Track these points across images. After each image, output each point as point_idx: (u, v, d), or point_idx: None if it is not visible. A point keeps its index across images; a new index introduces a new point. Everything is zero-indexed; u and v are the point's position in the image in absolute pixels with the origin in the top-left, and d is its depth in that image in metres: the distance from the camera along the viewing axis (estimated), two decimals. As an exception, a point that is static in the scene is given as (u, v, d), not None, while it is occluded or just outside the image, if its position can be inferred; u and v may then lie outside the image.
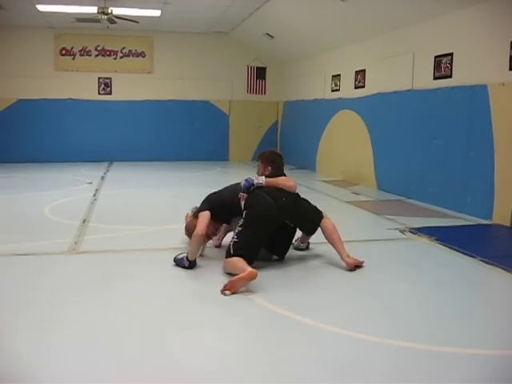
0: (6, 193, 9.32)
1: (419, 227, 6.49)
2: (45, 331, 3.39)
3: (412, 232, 6.30)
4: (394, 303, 4.02)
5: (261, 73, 15.95)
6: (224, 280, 4.32)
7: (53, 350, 3.12)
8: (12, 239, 5.80)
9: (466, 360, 3.09)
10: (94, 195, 8.93)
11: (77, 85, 14.92)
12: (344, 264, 4.81)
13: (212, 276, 4.60)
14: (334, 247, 4.96)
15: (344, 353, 3.15)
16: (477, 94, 7.39)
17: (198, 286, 4.38)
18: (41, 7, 12.06)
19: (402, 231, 6.37)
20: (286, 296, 4.10)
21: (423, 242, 5.92)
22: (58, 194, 9.12)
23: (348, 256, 4.83)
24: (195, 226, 4.85)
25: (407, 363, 3.04)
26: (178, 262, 4.81)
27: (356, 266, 4.82)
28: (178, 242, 5.64)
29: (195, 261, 4.77)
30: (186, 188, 10.03)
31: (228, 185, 5.45)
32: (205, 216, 4.91)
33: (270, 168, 5.24)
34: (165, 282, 4.49)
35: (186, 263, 4.73)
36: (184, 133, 15.45)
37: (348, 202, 8.52)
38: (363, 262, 4.91)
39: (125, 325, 3.53)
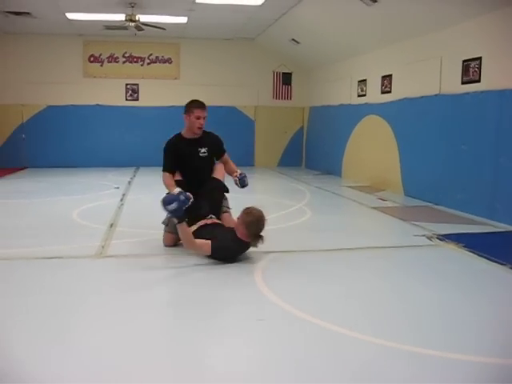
0: (36, 197, 9.45)
1: (447, 234, 6.41)
2: (70, 334, 3.43)
3: (439, 239, 6.22)
4: (417, 310, 3.97)
5: (286, 78, 15.97)
6: (252, 288, 4.33)
7: (78, 353, 3.15)
8: (41, 243, 5.88)
9: (480, 369, 3.04)
10: (121, 200, 9.01)
11: (105, 91, 15.12)
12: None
13: (236, 281, 4.60)
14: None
15: (364, 359, 3.12)
16: (506, 99, 7.29)
17: (223, 291, 4.38)
18: (70, 15, 12.26)
19: (430, 238, 6.29)
20: (307, 300, 4.09)
21: (451, 248, 5.84)
22: (86, 198, 9.23)
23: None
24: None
25: (422, 369, 3.00)
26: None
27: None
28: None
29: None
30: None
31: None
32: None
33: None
34: (190, 287, 4.50)
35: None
36: (210, 138, 15.46)
37: (374, 208, 8.46)
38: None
39: (150, 329, 3.55)
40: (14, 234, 6.39)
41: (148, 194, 9.89)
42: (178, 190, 5.35)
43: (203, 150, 5.81)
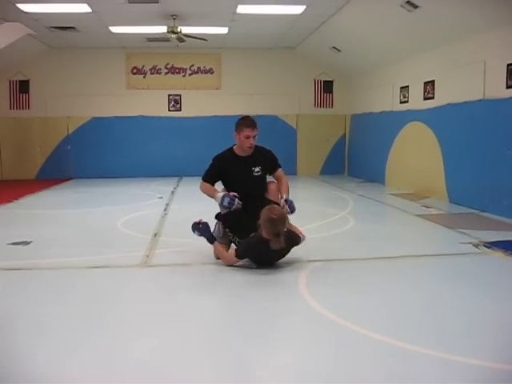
0: (81, 207, 9.64)
1: (494, 241, 6.27)
2: (112, 341, 3.47)
3: (486, 246, 6.08)
4: (462, 319, 3.89)
5: (328, 86, 15.93)
6: (295, 296, 4.32)
7: (124, 361, 3.19)
8: (87, 252, 5.99)
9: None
10: (165, 209, 9.11)
11: (147, 102, 15.34)
12: None
13: (280, 289, 4.60)
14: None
15: (410, 368, 3.08)
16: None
17: (266, 299, 4.38)
18: (113, 29, 12.51)
19: (476, 245, 6.16)
20: (350, 309, 4.06)
21: (498, 256, 5.72)
22: (130, 208, 9.36)
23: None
24: None
25: (464, 378, 2.96)
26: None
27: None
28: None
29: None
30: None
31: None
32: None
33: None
34: (233, 295, 4.52)
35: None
36: (252, 147, 15.50)
37: (419, 216, 8.34)
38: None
39: (195, 338, 3.57)
40: (60, 243, 6.53)
41: (191, 203, 9.96)
42: (221, 193, 5.38)
43: (257, 169, 5.57)
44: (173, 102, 15.59)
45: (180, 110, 15.60)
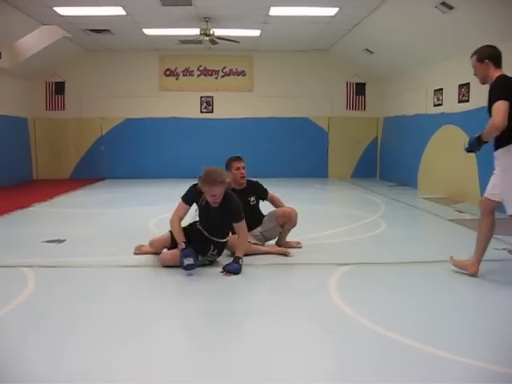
0: (114, 207, 9.77)
1: (529, 247, 6.16)
2: (142, 342, 3.50)
3: (521, 252, 5.98)
4: (492, 326, 3.84)
5: (360, 89, 15.84)
6: (326, 299, 4.30)
7: (150, 362, 3.20)
8: (118, 251, 6.05)
9: None
10: (196, 210, 9.12)
11: (180, 104, 15.46)
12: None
13: (310, 292, 4.58)
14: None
15: (437, 374, 3.04)
16: None
17: (297, 302, 4.37)
18: (147, 31, 12.64)
19: (510, 251, 6.05)
20: (381, 313, 4.02)
21: (533, 262, 5.62)
22: (162, 208, 9.38)
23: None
24: None
25: None
26: None
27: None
28: (270, 256, 5.69)
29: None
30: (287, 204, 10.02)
31: None
32: None
33: None
34: (264, 297, 4.52)
35: None
36: (283, 150, 15.53)
37: (451, 220, 8.23)
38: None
39: (218, 338, 3.58)
40: (92, 242, 6.62)
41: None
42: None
43: (252, 198, 6.27)
44: (205, 104, 15.68)
45: (212, 112, 15.68)
